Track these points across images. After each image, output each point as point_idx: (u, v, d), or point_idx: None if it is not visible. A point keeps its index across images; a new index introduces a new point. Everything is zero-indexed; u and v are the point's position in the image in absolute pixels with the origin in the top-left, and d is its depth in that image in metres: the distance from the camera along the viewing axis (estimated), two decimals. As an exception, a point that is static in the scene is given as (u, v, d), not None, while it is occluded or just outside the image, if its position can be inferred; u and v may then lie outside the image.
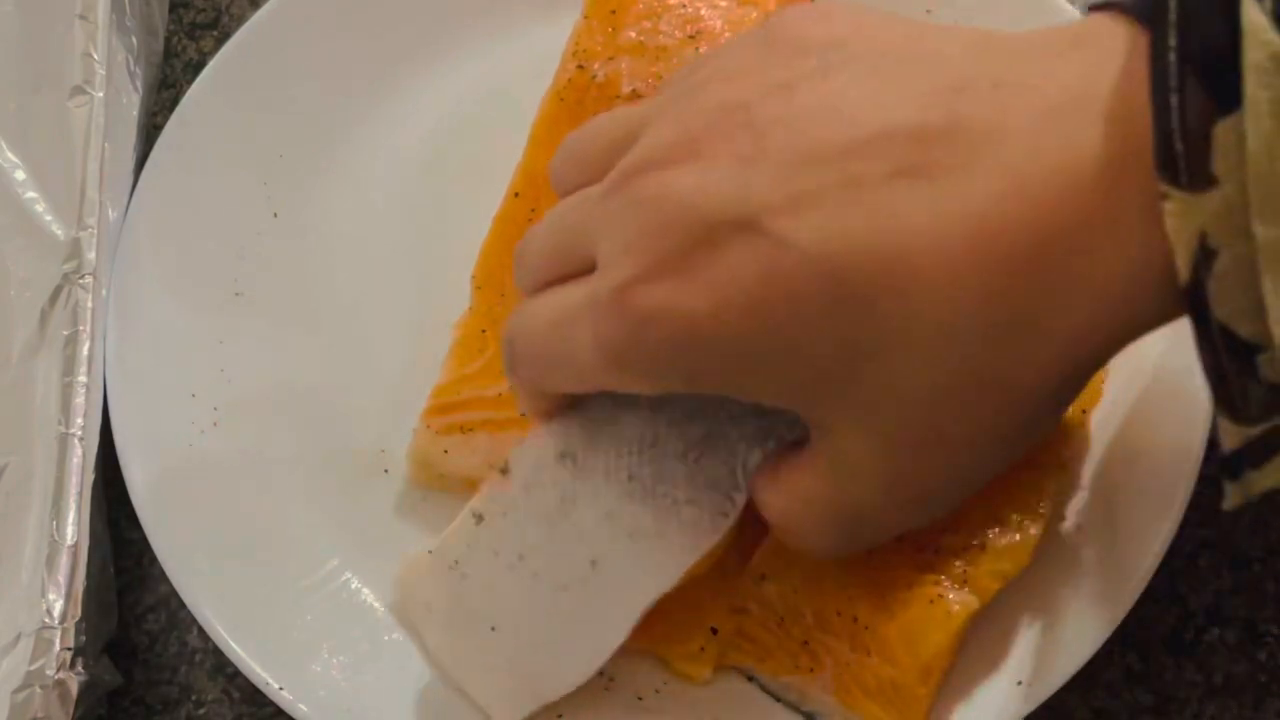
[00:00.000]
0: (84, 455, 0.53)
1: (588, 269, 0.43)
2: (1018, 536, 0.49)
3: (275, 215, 0.60)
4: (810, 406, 0.42)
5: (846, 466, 0.43)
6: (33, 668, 0.50)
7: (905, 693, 0.48)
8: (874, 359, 0.39)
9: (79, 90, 0.59)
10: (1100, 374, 0.51)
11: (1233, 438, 0.37)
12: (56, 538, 0.51)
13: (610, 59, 0.55)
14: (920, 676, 0.47)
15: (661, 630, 0.50)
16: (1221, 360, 0.36)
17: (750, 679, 0.50)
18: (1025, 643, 0.49)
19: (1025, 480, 0.49)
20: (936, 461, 0.42)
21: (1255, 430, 0.37)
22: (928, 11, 0.59)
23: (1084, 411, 0.51)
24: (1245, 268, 0.35)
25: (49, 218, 0.57)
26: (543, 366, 0.45)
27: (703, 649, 0.50)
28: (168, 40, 0.66)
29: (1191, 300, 0.36)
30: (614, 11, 0.56)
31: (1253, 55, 0.33)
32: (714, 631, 0.50)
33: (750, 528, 0.50)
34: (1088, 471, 0.51)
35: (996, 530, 0.49)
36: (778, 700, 0.50)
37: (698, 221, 0.40)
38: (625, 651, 0.51)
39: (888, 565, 0.49)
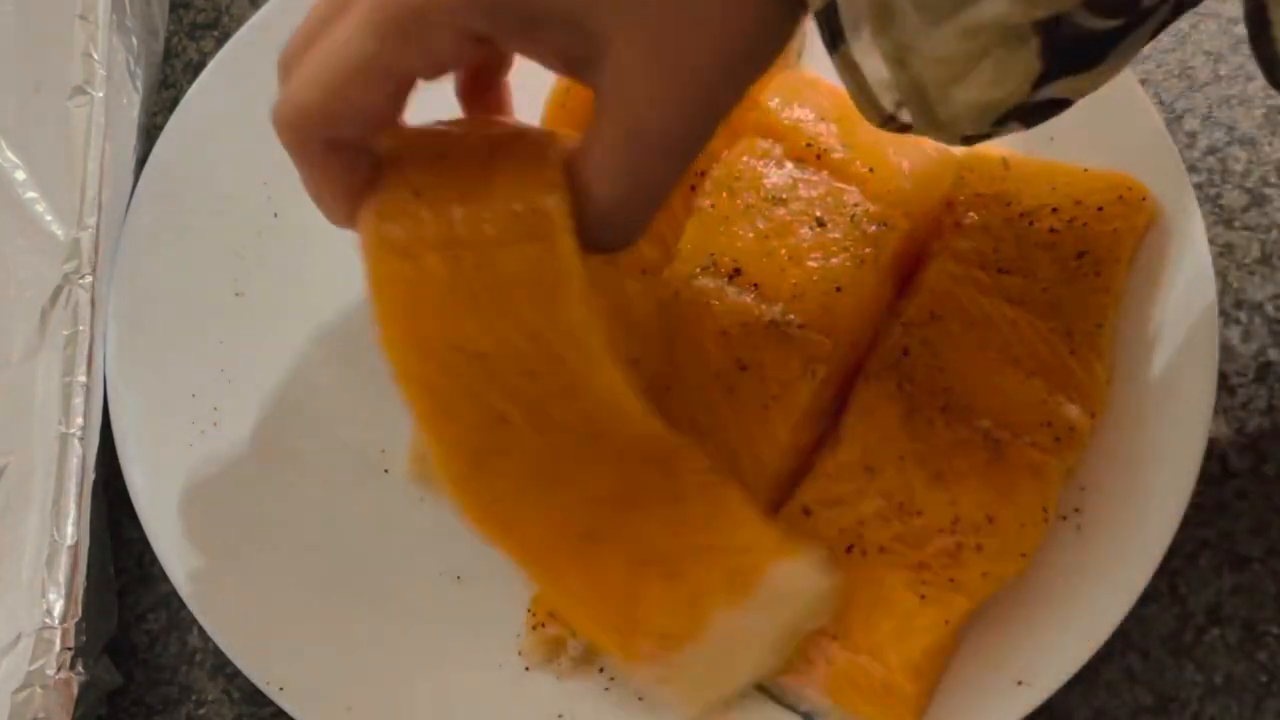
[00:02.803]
0: (84, 455, 0.53)
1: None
2: (1015, 540, 0.49)
3: (275, 215, 0.60)
4: (592, 13, 0.42)
5: (625, 85, 0.43)
6: (33, 668, 0.50)
7: (897, 692, 0.48)
8: None
9: (79, 90, 0.59)
10: (1105, 377, 0.51)
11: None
12: (56, 538, 0.51)
13: None
14: (911, 676, 0.47)
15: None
16: None
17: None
18: (1025, 643, 0.49)
19: (1027, 483, 0.49)
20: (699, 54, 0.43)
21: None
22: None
23: (1091, 415, 0.51)
24: None
25: (49, 218, 0.57)
26: (322, 100, 0.43)
27: None
28: (168, 40, 0.66)
29: None
30: None
31: None
32: None
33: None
34: (1088, 472, 0.51)
35: (994, 532, 0.49)
36: (774, 700, 0.50)
37: None
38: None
39: (880, 565, 0.49)
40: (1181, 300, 0.52)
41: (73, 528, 0.52)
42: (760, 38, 0.43)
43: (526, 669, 0.51)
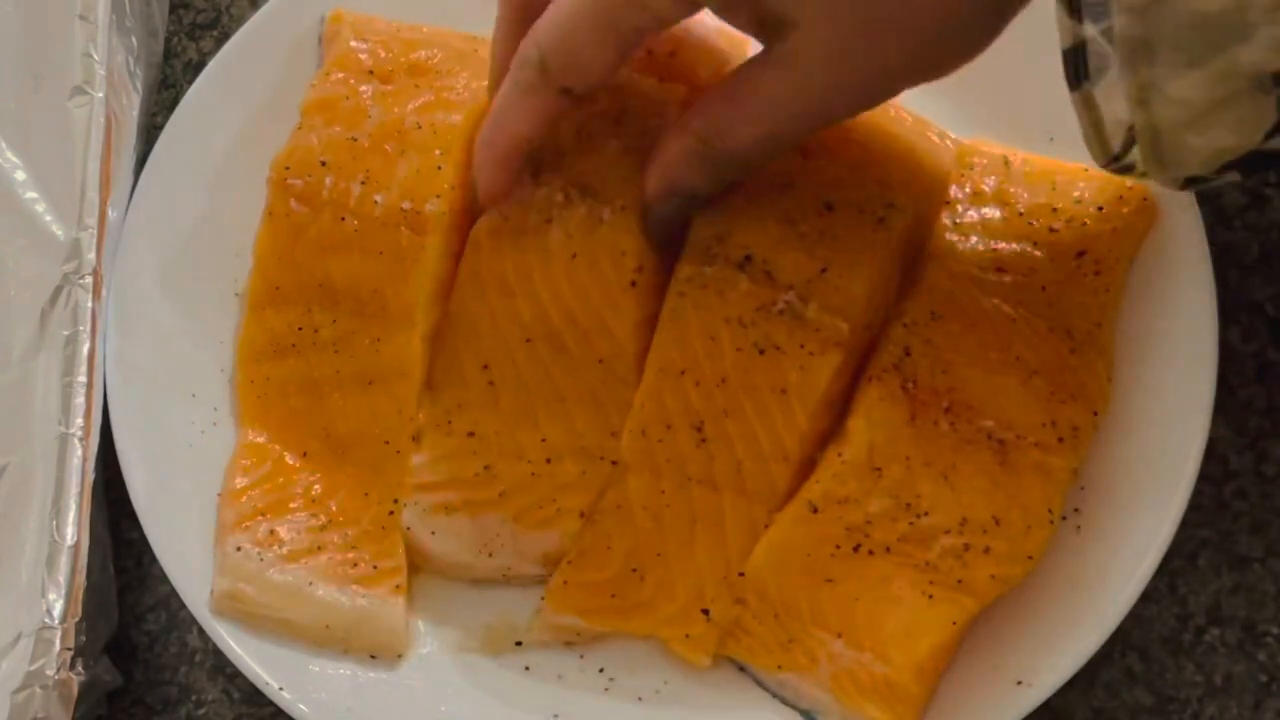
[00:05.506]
0: (84, 455, 0.53)
1: None
2: (1022, 542, 0.49)
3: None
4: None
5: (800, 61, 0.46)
6: (33, 668, 0.50)
7: (900, 691, 0.48)
8: None
9: (79, 90, 0.59)
10: (1106, 376, 0.51)
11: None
12: (56, 538, 0.51)
13: None
14: (915, 676, 0.47)
15: (665, 614, 0.50)
16: None
17: (747, 674, 0.51)
18: (1025, 643, 0.49)
19: (1033, 484, 0.49)
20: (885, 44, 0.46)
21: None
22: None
23: (1094, 414, 0.51)
24: None
25: (49, 218, 0.57)
26: (586, 31, 0.47)
27: (688, 637, 0.50)
28: (168, 40, 0.66)
29: None
30: None
31: None
32: (705, 613, 0.50)
33: (754, 509, 0.51)
34: (1088, 472, 0.51)
35: (1001, 534, 0.49)
36: (775, 697, 0.50)
37: None
38: (625, 650, 0.51)
39: (887, 564, 0.49)
40: (1181, 300, 0.52)
41: (73, 528, 0.52)
42: (952, 38, 0.46)
43: (527, 669, 0.51)
